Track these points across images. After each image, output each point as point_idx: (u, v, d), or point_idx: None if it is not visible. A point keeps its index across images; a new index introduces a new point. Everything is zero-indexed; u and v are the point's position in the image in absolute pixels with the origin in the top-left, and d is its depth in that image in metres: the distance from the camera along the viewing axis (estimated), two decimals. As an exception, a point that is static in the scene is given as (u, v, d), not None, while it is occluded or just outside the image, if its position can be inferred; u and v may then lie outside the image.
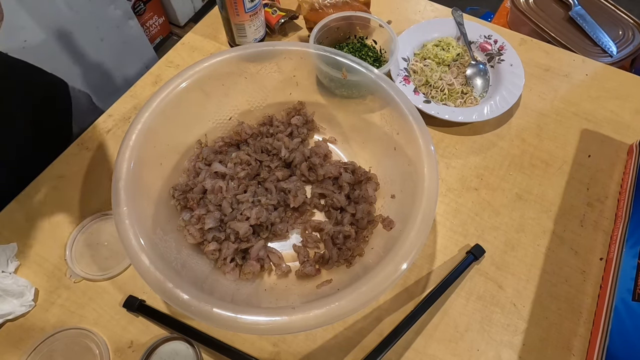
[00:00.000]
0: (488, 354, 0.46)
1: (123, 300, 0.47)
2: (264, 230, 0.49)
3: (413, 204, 0.41)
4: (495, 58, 0.66)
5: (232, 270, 0.46)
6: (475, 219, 0.54)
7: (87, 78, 1.21)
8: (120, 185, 0.41)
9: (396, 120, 0.48)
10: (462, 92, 0.64)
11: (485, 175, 0.58)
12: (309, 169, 0.53)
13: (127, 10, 1.29)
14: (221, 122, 0.56)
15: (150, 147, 0.45)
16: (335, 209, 0.52)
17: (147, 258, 0.37)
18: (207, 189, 0.49)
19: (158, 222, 0.44)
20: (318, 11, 0.66)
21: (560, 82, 0.67)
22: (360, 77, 0.51)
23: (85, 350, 0.44)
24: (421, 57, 0.67)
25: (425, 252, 0.52)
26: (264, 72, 0.54)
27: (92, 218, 0.52)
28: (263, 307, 0.38)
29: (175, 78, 0.48)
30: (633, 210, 0.51)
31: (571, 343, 0.46)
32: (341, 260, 0.47)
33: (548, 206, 0.55)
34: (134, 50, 1.37)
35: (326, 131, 0.59)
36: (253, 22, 0.63)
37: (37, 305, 0.47)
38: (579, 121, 0.63)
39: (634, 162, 0.56)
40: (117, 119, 0.61)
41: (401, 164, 0.48)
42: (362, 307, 0.36)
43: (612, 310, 0.44)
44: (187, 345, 0.44)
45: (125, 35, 1.31)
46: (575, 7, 0.94)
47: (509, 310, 0.48)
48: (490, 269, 0.51)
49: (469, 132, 0.61)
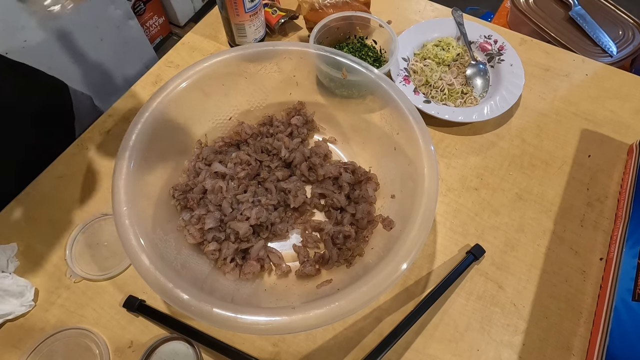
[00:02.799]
0: (488, 354, 0.46)
1: (123, 300, 0.47)
2: (264, 230, 0.49)
3: (413, 204, 0.41)
4: (495, 58, 0.66)
5: (232, 270, 0.46)
6: (475, 219, 0.54)
7: (87, 78, 1.21)
8: (120, 185, 0.41)
9: (396, 120, 0.48)
10: (462, 92, 0.64)
11: (485, 175, 0.58)
12: (309, 169, 0.53)
13: (127, 11, 1.29)
14: (221, 122, 0.56)
15: (150, 147, 0.45)
16: (335, 209, 0.52)
17: (147, 258, 0.37)
18: (207, 189, 0.49)
19: (158, 222, 0.44)
20: (318, 11, 0.66)
21: (560, 82, 0.67)
22: (360, 77, 0.51)
23: (85, 350, 0.44)
24: (421, 57, 0.67)
25: (425, 252, 0.52)
26: (264, 72, 0.54)
27: (92, 218, 0.52)
28: (263, 307, 0.38)
29: (175, 78, 0.48)
30: (633, 210, 0.51)
31: (571, 343, 0.46)
32: (341, 260, 0.47)
33: (548, 206, 0.55)
34: (134, 50, 1.37)
35: (326, 131, 0.59)
36: (253, 22, 0.63)
37: (37, 305, 0.47)
38: (579, 121, 0.63)
39: (634, 162, 0.56)
40: (117, 119, 0.61)
41: (401, 164, 0.48)
42: (362, 307, 0.36)
43: (612, 310, 0.44)
44: (187, 345, 0.44)
45: (125, 36, 1.31)
46: (575, 7, 0.94)
47: (509, 310, 0.48)
48: (490, 269, 0.51)
49: (469, 132, 0.61)
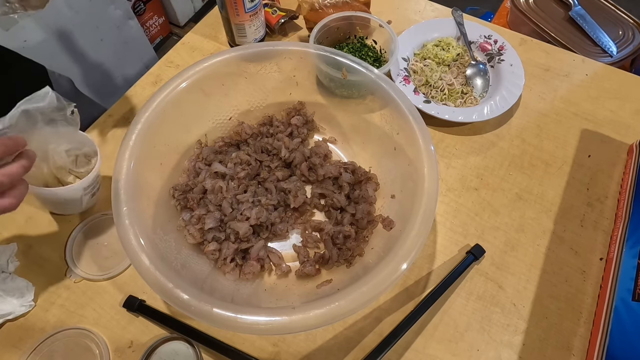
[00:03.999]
0: (488, 354, 0.46)
1: (123, 300, 0.47)
2: (264, 230, 0.49)
3: (413, 204, 0.41)
4: (495, 58, 0.66)
5: (232, 270, 0.46)
6: (475, 219, 0.54)
7: (87, 78, 1.21)
8: (120, 185, 0.41)
9: (396, 120, 0.48)
10: (462, 92, 0.64)
11: (485, 175, 0.58)
12: (309, 169, 0.53)
13: (127, 10, 1.29)
14: (221, 122, 0.56)
15: (150, 147, 0.45)
16: (335, 209, 0.52)
17: (147, 258, 0.37)
18: (207, 189, 0.49)
19: (158, 222, 0.44)
20: (318, 11, 0.66)
21: (560, 82, 0.67)
22: (360, 77, 0.51)
23: (85, 350, 0.44)
24: (421, 57, 0.67)
25: (425, 252, 0.52)
26: (264, 72, 0.54)
27: (92, 218, 0.52)
28: (263, 307, 0.38)
29: (175, 78, 0.48)
30: (633, 210, 0.51)
31: (571, 343, 0.46)
32: (341, 260, 0.47)
33: (548, 206, 0.55)
34: (134, 50, 1.37)
35: (326, 131, 0.59)
36: (253, 22, 0.63)
37: (37, 305, 0.47)
38: (579, 121, 0.63)
39: (634, 162, 0.56)
40: (117, 119, 0.61)
41: (401, 164, 0.48)
42: (362, 307, 0.36)
43: (612, 310, 0.44)
44: (187, 345, 0.44)
45: (125, 35, 1.31)
46: (575, 7, 0.94)
47: (509, 310, 0.48)
48: (490, 269, 0.51)
49: (469, 132, 0.61)
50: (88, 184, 0.47)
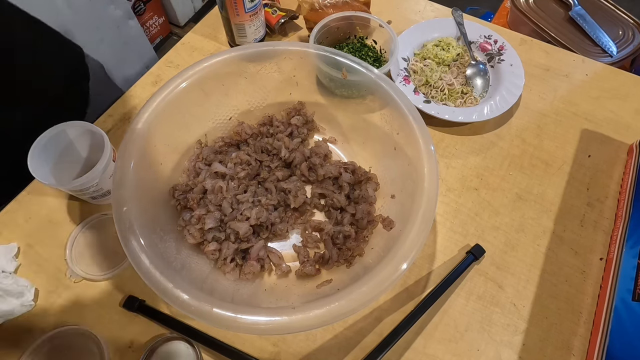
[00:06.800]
0: (488, 354, 0.46)
1: (123, 300, 0.47)
2: (264, 230, 0.49)
3: (413, 204, 0.41)
4: (495, 58, 0.66)
5: (232, 270, 0.46)
6: (475, 219, 0.54)
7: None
8: (120, 185, 0.41)
9: (396, 120, 0.48)
10: (462, 92, 0.64)
11: (485, 175, 0.58)
12: (309, 169, 0.53)
13: (127, 10, 1.28)
14: (221, 122, 0.56)
15: (150, 147, 0.45)
16: (335, 209, 0.52)
17: (147, 258, 0.37)
18: (207, 189, 0.49)
19: (158, 222, 0.44)
20: (318, 11, 0.66)
21: (560, 82, 0.67)
22: (360, 77, 0.51)
23: (85, 350, 0.44)
24: (421, 57, 0.67)
25: (425, 252, 0.52)
26: (264, 72, 0.54)
27: (92, 218, 0.52)
28: (263, 307, 0.38)
29: (175, 78, 0.48)
30: (633, 210, 0.51)
31: (571, 343, 0.46)
32: (341, 260, 0.47)
33: (548, 206, 0.55)
34: (134, 50, 1.37)
35: (326, 131, 0.59)
36: (253, 22, 0.63)
37: (37, 305, 0.47)
38: (579, 121, 0.63)
39: (634, 162, 0.56)
40: (117, 119, 0.61)
41: (401, 164, 0.48)
42: (362, 307, 0.36)
43: (612, 310, 0.44)
44: (187, 345, 0.44)
45: (125, 36, 1.31)
46: (575, 7, 0.94)
47: (509, 310, 0.48)
48: (490, 269, 0.51)
49: (469, 132, 0.61)
50: (103, 165, 0.46)
